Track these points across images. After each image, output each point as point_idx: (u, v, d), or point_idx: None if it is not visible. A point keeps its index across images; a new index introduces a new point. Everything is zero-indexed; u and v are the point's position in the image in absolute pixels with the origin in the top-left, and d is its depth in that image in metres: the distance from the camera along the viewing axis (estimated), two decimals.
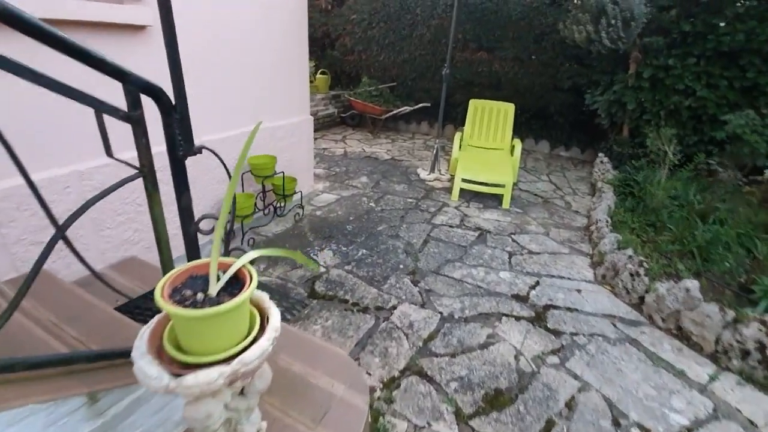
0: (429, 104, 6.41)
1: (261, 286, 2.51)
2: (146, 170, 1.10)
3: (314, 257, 2.81)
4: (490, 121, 4.99)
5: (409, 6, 6.11)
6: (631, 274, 2.54)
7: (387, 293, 2.45)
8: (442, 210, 3.73)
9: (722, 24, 4.16)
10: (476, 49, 5.95)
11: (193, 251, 1.27)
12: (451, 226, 3.40)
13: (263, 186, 2.95)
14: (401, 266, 2.75)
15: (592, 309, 2.41)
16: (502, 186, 3.87)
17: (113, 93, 1.08)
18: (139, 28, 2.14)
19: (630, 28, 4.12)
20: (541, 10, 5.32)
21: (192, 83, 2.54)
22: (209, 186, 2.77)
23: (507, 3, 5.48)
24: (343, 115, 7.03)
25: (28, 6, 0.69)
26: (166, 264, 1.25)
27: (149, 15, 2.12)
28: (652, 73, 4.46)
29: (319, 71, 6.63)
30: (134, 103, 1.03)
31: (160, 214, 1.18)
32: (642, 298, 2.48)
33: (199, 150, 1.24)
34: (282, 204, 3.20)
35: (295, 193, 3.25)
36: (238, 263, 0.95)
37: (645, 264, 2.52)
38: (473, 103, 5.04)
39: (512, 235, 3.30)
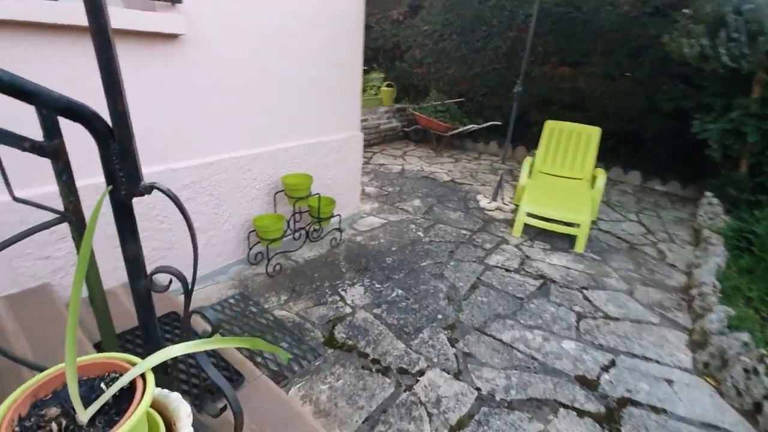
0: (500, 123, 5.88)
1: (276, 323, 2.26)
2: (71, 214, 0.85)
3: (342, 293, 2.49)
4: (568, 146, 4.35)
5: (485, 17, 5.66)
6: (746, 370, 1.87)
7: (416, 351, 2.04)
8: (500, 248, 3.23)
9: None
10: (558, 63, 5.32)
11: (145, 313, 1.00)
12: (507, 270, 2.89)
13: (294, 207, 2.72)
14: (439, 316, 2.33)
15: (686, 412, 1.79)
16: (577, 226, 3.27)
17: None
18: (170, 37, 2.01)
19: (757, 43, 3.31)
20: (640, 21, 4.57)
21: (222, 93, 2.40)
22: (240, 204, 2.59)
23: (598, 13, 4.80)
24: (406, 129, 6.74)
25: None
26: (106, 332, 0.99)
27: (181, 22, 1.98)
28: None
29: (385, 83, 6.42)
30: (50, 131, 0.77)
31: (94, 271, 0.92)
32: (758, 406, 1.80)
33: (149, 189, 0.97)
34: (316, 228, 2.94)
35: (333, 216, 2.98)
36: (130, 373, 0.65)
37: (767, 359, 1.84)
38: (549, 125, 4.45)
39: (584, 290, 2.71)
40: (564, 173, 4.30)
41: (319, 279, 2.63)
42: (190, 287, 1.03)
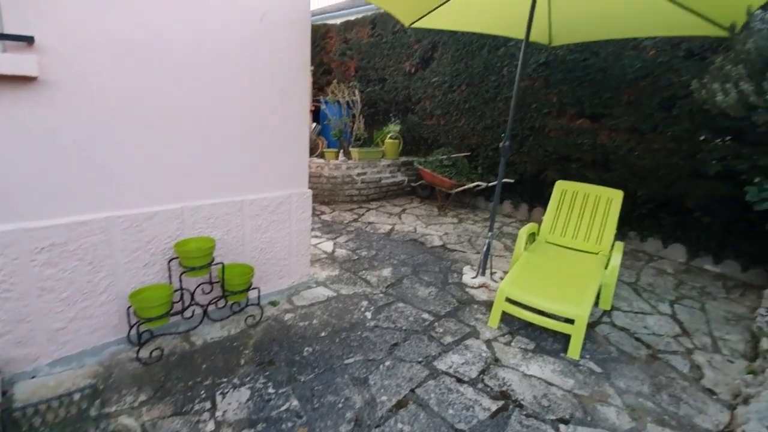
0: (511, 180, 5.21)
1: None
2: None
3: (219, 398, 1.89)
4: (583, 211, 3.60)
5: (494, 66, 5.19)
6: None
7: None
8: (464, 343, 2.48)
9: None
10: (576, 115, 4.63)
11: None
12: (460, 380, 2.14)
13: (180, 279, 2.23)
14: None
15: None
16: (571, 322, 2.46)
17: None
18: (21, 80, 1.72)
19: None
20: (672, 66, 3.84)
21: (101, 142, 1.91)
22: (128, 272, 2.16)
23: (620, 59, 4.13)
24: (413, 184, 6.24)
25: None
26: None
27: (33, 64, 1.69)
28: None
29: (389, 135, 6.04)
30: None
31: None
32: None
33: None
34: (222, 304, 2.42)
35: (250, 287, 2.45)
36: None
37: None
38: (560, 186, 3.74)
39: (561, 424, 1.88)
40: (576, 245, 3.51)
41: (204, 373, 2.06)
42: None
